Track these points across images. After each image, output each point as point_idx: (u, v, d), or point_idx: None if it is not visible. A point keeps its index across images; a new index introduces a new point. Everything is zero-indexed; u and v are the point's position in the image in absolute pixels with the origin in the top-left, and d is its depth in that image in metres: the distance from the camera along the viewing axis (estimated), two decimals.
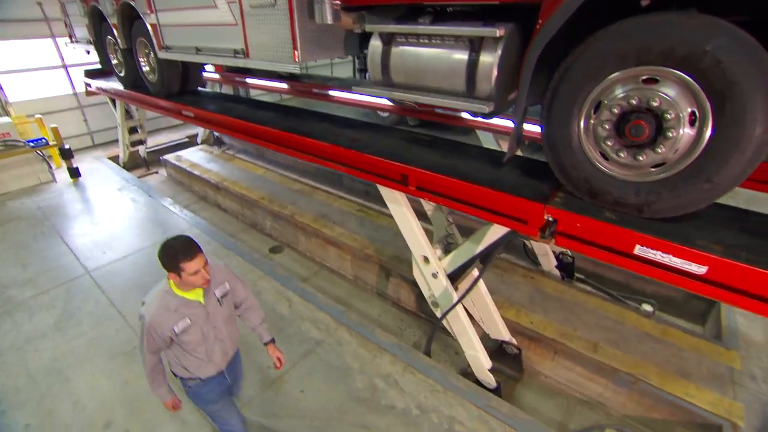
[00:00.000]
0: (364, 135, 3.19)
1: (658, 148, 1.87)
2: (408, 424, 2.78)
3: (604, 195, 2.12)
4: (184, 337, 1.97)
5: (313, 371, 3.13)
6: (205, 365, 2.08)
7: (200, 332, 2.01)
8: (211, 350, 2.08)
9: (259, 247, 4.88)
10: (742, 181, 1.82)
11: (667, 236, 1.92)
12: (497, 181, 2.43)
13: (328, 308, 3.64)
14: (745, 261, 1.76)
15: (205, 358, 2.06)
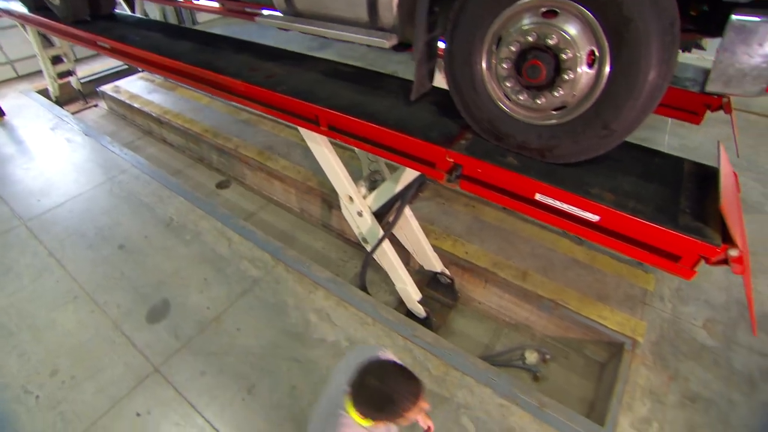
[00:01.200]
0: (284, 68, 2.90)
1: (556, 91, 1.71)
2: (337, 355, 2.92)
3: (508, 138, 1.99)
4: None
5: (249, 309, 3.21)
6: None
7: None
8: None
9: (205, 182, 4.74)
10: (637, 127, 1.71)
11: (564, 183, 1.84)
12: (406, 122, 2.27)
13: (267, 246, 3.63)
14: (631, 211, 1.71)
15: None
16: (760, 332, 3.13)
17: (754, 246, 3.85)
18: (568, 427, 2.55)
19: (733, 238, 1.56)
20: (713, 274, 3.55)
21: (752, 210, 4.24)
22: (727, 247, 1.60)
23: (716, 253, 1.60)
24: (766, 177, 4.66)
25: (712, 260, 1.64)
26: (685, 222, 1.68)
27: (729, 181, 1.79)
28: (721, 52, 1.44)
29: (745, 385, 2.82)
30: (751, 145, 5.16)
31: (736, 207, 1.74)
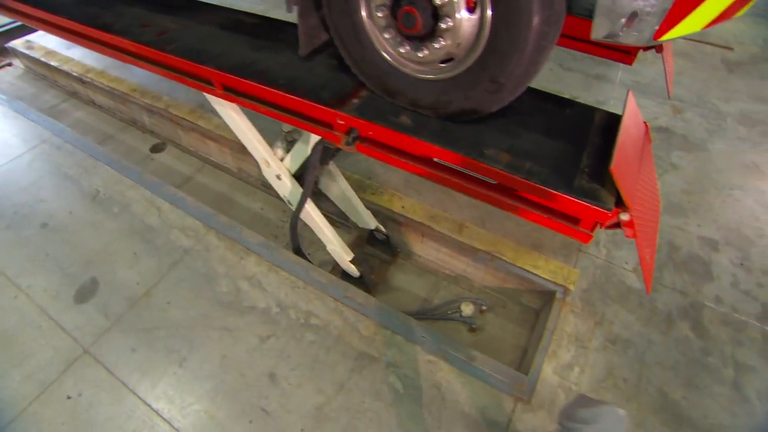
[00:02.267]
0: (179, 22, 2.53)
1: (437, 42, 1.47)
2: (267, 322, 2.85)
3: (400, 95, 1.78)
4: None
5: (180, 281, 3.06)
6: None
7: None
8: None
9: (139, 146, 4.39)
10: (528, 81, 1.50)
11: (457, 144, 1.67)
12: (299, 80, 2.01)
13: (197, 213, 3.42)
14: (525, 173, 1.56)
15: None
16: (683, 272, 3.14)
17: (692, 185, 3.80)
18: (494, 378, 2.57)
19: (625, 201, 1.42)
20: None
21: (695, 147, 4.13)
22: (618, 211, 1.48)
23: (608, 218, 1.47)
24: (713, 113, 4.52)
25: (605, 225, 1.52)
26: (580, 184, 1.54)
27: (629, 137, 1.62)
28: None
29: (663, 324, 2.86)
30: (703, 79, 4.95)
31: (634, 165, 1.59)
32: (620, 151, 1.47)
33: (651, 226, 1.73)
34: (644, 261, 1.60)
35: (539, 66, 1.42)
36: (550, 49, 1.39)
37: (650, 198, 1.78)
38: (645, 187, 1.70)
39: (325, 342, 2.76)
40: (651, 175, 1.84)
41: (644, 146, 1.78)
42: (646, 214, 1.66)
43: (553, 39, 1.35)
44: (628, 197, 1.43)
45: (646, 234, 1.64)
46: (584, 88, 4.78)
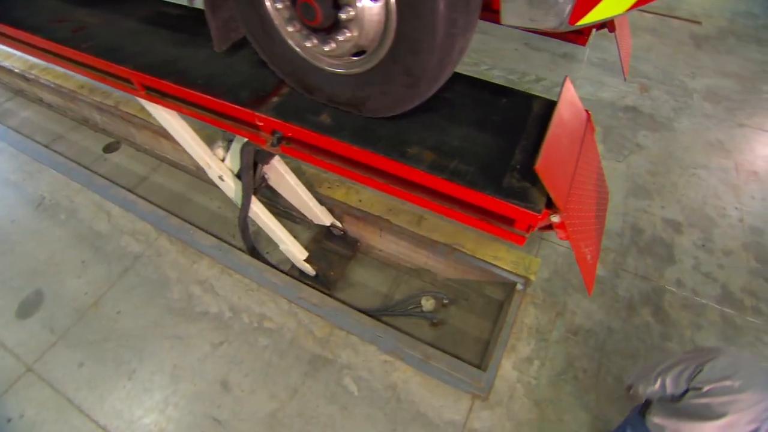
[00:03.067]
0: (98, 16, 2.30)
1: (341, 34, 1.30)
2: (219, 327, 2.72)
3: (318, 91, 1.62)
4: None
5: (130, 289, 2.90)
6: None
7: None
8: None
9: (91, 147, 4.14)
10: (445, 73, 1.34)
11: (377, 143, 1.51)
12: (218, 79, 1.83)
13: (149, 216, 3.24)
14: (449, 174, 1.41)
15: None
16: (646, 256, 3.06)
17: (657, 165, 3.69)
18: (451, 376, 2.48)
19: (555, 202, 1.29)
20: (611, 200, 3.39)
21: (661, 127, 4.01)
22: (549, 213, 1.34)
23: (537, 220, 1.34)
24: (679, 90, 4.39)
25: (535, 227, 1.39)
26: (510, 183, 1.39)
27: (565, 129, 1.48)
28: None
29: (624, 311, 2.78)
30: (670, 54, 4.80)
31: (569, 160, 1.45)
32: (550, 147, 1.32)
33: (594, 223, 1.60)
34: (583, 262, 1.47)
35: (454, 56, 1.25)
36: (464, 38, 1.22)
37: (594, 192, 1.65)
38: (586, 182, 1.56)
39: (279, 345, 2.64)
40: (594, 167, 1.71)
41: (585, 137, 1.63)
42: (586, 212, 1.53)
43: (465, 26, 1.18)
44: (559, 197, 1.29)
45: (587, 233, 1.51)
46: (550, 67, 4.60)
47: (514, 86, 4.38)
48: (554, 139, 1.37)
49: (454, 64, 1.31)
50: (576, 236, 1.40)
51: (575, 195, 1.43)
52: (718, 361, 1.61)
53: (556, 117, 1.42)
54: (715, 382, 1.57)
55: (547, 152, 1.29)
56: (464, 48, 1.28)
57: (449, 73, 1.34)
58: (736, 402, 1.53)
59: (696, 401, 1.62)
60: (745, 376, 1.56)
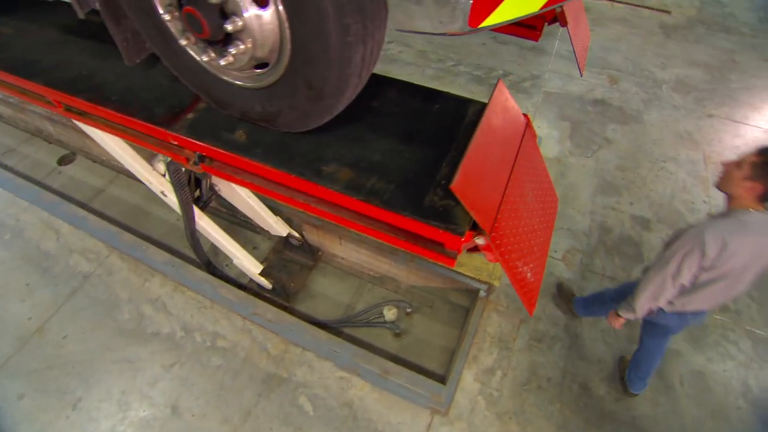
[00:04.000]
0: (14, 25, 2.12)
1: (234, 46, 1.15)
2: (171, 348, 2.57)
3: (231, 106, 1.47)
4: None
5: (78, 311, 2.74)
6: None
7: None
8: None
9: (45, 159, 3.94)
10: (350, 84, 1.20)
11: (292, 161, 1.40)
12: (133, 94, 1.68)
13: (100, 233, 3.07)
14: (365, 193, 1.28)
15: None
16: (614, 256, 2.96)
17: (626, 160, 3.58)
18: (410, 391, 2.36)
19: (479, 223, 1.16)
20: (579, 198, 3.29)
21: (630, 119, 3.90)
22: (473, 235, 1.22)
23: (461, 243, 1.21)
24: (649, 81, 4.28)
25: (460, 250, 1.26)
26: (432, 201, 1.27)
27: (495, 138, 1.34)
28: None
29: None
30: (640, 45, 4.69)
31: (498, 174, 1.32)
32: (472, 161, 1.19)
33: (537, 236, 1.48)
34: (521, 283, 1.35)
35: (356, 66, 1.11)
36: (364, 46, 1.08)
37: (535, 203, 1.53)
38: (524, 193, 1.44)
39: (232, 365, 2.51)
40: (536, 175, 1.58)
41: (523, 144, 1.50)
42: (525, 225, 1.40)
43: (363, 33, 1.04)
44: (484, 217, 1.17)
45: (526, 249, 1.39)
46: (518, 62, 4.46)
47: (481, 82, 4.25)
48: (479, 150, 1.23)
49: (360, 75, 1.16)
50: (510, 256, 1.28)
51: (509, 210, 1.30)
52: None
53: (483, 125, 1.28)
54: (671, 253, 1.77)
55: (467, 167, 1.16)
56: (368, 57, 1.13)
57: (356, 84, 1.19)
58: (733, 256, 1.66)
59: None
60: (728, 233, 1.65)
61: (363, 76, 1.19)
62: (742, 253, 1.65)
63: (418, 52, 4.60)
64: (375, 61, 1.21)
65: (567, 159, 3.55)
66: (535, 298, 1.41)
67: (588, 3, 5.32)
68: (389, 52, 4.57)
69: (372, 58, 1.16)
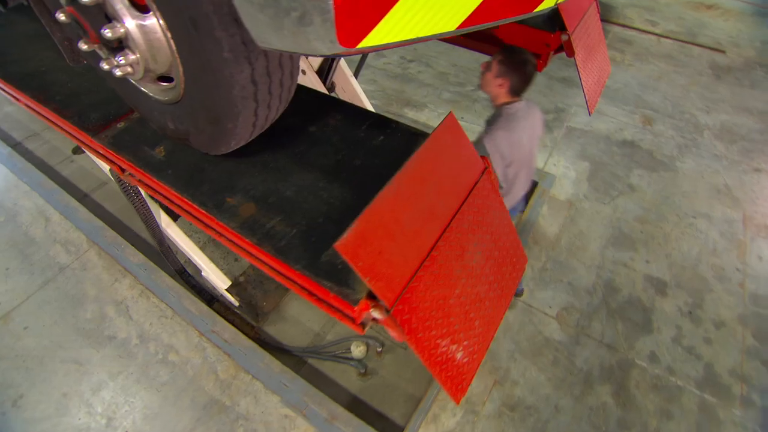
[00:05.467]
0: None
1: (125, 56, 0.99)
2: (122, 356, 2.46)
3: (149, 119, 1.32)
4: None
5: (45, 304, 2.70)
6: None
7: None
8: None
9: (62, 146, 4.04)
10: (250, 114, 1.01)
11: (200, 187, 1.21)
12: (79, 97, 1.62)
13: (85, 226, 3.05)
14: (260, 236, 1.09)
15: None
16: (617, 321, 2.56)
17: (648, 211, 3.16)
18: None
19: (374, 293, 0.92)
20: (586, 249, 2.92)
21: (660, 166, 3.47)
22: (369, 306, 0.97)
23: (353, 312, 0.97)
24: (689, 125, 3.82)
25: (360, 321, 1.02)
26: (333, 255, 1.04)
27: (416, 186, 1.09)
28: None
29: (579, 386, 2.31)
30: (683, 85, 4.23)
31: (421, 229, 1.07)
32: (377, 214, 0.95)
33: (479, 310, 1.20)
34: (441, 366, 1.09)
35: (243, 88, 0.91)
36: (249, 65, 0.88)
37: (484, 269, 1.25)
38: (466, 255, 1.18)
39: (178, 383, 2.35)
40: (493, 234, 1.31)
41: (476, 194, 1.24)
42: (462, 296, 1.14)
43: (242, 50, 0.84)
44: (384, 287, 0.92)
45: (459, 325, 1.13)
46: (545, 92, 4.14)
47: None
48: (395, 199, 0.99)
49: (256, 98, 0.97)
50: (427, 334, 1.02)
51: (434, 275, 1.05)
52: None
53: (410, 167, 1.04)
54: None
55: (368, 221, 0.92)
56: (262, 79, 0.93)
57: (253, 108, 0.99)
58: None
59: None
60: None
61: (263, 100, 0.99)
62: (523, 138, 1.88)
63: (439, 73, 4.39)
64: (281, 85, 1.01)
65: (580, 203, 3.19)
66: (467, 382, 1.14)
67: (630, 36, 4.92)
68: (408, 71, 4.39)
69: (270, 80, 0.96)
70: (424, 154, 1.07)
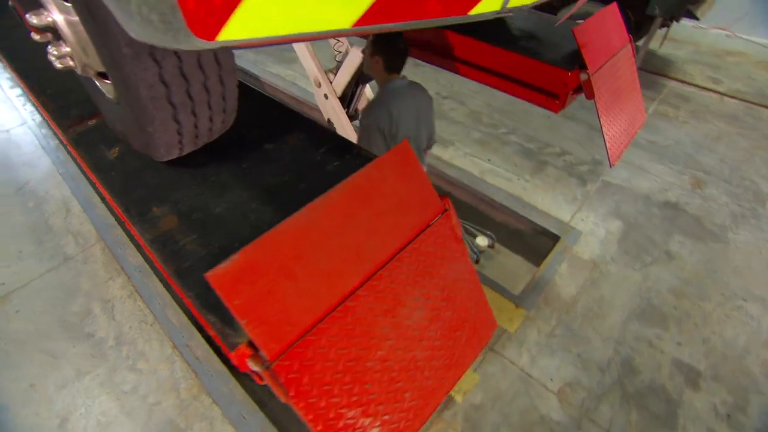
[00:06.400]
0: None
1: (54, 48, 0.96)
2: (95, 356, 2.41)
3: (104, 117, 1.29)
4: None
5: (42, 290, 2.76)
6: None
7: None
8: None
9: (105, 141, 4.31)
10: (169, 120, 0.93)
11: (132, 192, 1.16)
12: (74, 93, 1.62)
13: (98, 221, 3.14)
14: (168, 254, 0.98)
15: None
16: (632, 409, 2.17)
17: (687, 285, 2.76)
18: None
19: (252, 341, 0.77)
20: (606, 318, 2.56)
21: (708, 235, 3.05)
22: (248, 355, 0.81)
23: (234, 358, 0.81)
24: (747, 193, 3.37)
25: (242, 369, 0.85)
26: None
27: (339, 217, 0.93)
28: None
29: None
30: (745, 148, 3.78)
31: (337, 276, 0.90)
32: (274, 242, 0.81)
33: (415, 380, 1.01)
34: None
35: (152, 88, 0.82)
36: (156, 64, 0.79)
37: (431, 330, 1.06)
38: (400, 310, 0.99)
39: (140, 393, 2.25)
40: (450, 288, 1.12)
41: (429, 237, 1.06)
42: (390, 359, 0.95)
43: (145, 45, 0.76)
44: (265, 334, 0.77)
45: (385, 395, 0.94)
46: (583, 142, 3.86)
47: (530, 157, 3.73)
48: (305, 229, 0.85)
49: (171, 101, 0.87)
50: (322, 402, 0.84)
51: (350, 330, 0.88)
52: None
53: (338, 194, 0.90)
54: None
55: (257, 251, 0.78)
56: (175, 81, 0.84)
57: (172, 114, 0.90)
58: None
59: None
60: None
61: (182, 104, 0.90)
62: (405, 113, 1.96)
63: (471, 112, 4.25)
64: (205, 90, 0.91)
65: (606, 265, 2.83)
66: None
67: (689, 92, 4.55)
68: (440, 107, 4.29)
69: (188, 83, 0.86)
70: (358, 181, 0.93)
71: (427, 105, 2.13)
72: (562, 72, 1.75)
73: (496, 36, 1.92)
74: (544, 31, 2.01)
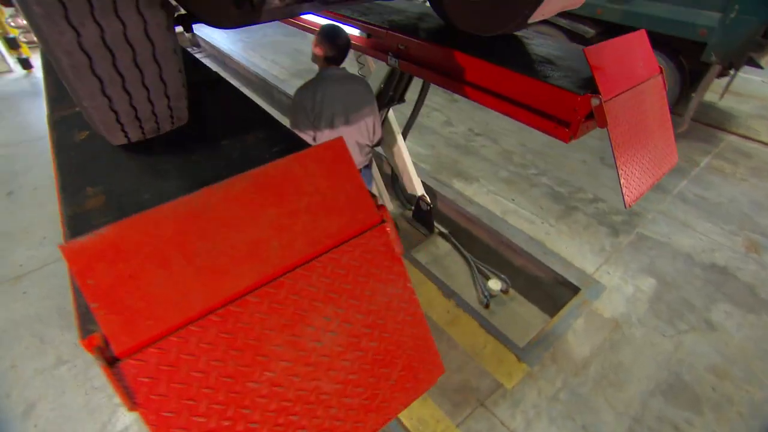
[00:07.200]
0: None
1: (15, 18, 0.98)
2: (78, 345, 2.42)
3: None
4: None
5: (51, 276, 2.87)
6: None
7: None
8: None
9: None
10: (97, 95, 0.95)
11: (87, 168, 1.15)
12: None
13: None
14: (75, 234, 0.92)
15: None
16: None
17: (731, 363, 2.37)
18: None
19: (103, 333, 0.68)
20: (623, 389, 2.20)
21: (762, 307, 2.61)
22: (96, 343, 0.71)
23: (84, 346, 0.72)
24: None
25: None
26: None
27: (226, 212, 0.82)
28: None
29: None
30: None
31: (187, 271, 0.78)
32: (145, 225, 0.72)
33: (319, 420, 0.85)
34: None
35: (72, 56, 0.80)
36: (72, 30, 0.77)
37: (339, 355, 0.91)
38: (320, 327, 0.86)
39: (108, 390, 2.21)
40: (383, 313, 0.97)
41: (355, 248, 0.93)
42: (269, 384, 0.81)
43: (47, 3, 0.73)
44: (113, 322, 0.68)
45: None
46: (620, 191, 3.54)
47: (559, 201, 3.47)
48: (195, 213, 0.75)
49: (95, 72, 0.85)
50: (187, 421, 0.71)
51: (229, 340, 0.76)
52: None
53: (243, 181, 0.81)
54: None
55: (128, 228, 0.70)
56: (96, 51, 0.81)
57: (95, 85, 0.87)
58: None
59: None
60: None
61: (110, 79, 0.87)
62: (330, 97, 2.09)
63: (503, 150, 4.09)
64: (137, 67, 0.88)
65: (630, 328, 2.48)
66: None
67: (750, 148, 4.13)
68: (471, 143, 4.18)
69: (113, 56, 0.83)
70: (272, 171, 0.84)
71: (361, 98, 2.22)
72: (571, 96, 1.60)
73: (505, 57, 1.82)
74: (561, 54, 1.88)
